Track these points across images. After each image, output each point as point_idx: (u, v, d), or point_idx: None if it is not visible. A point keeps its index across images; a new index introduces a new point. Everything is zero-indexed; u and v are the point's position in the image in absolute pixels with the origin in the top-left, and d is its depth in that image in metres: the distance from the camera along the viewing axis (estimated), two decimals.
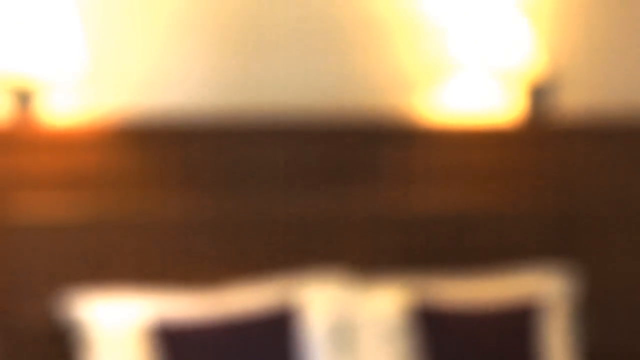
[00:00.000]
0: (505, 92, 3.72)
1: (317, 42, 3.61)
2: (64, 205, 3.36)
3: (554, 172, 3.73)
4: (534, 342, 3.43)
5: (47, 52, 3.27)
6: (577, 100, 3.77)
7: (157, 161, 3.45)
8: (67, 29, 3.33)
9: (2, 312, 3.32)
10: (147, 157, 3.44)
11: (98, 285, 3.35)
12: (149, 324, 3.22)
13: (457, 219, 3.66)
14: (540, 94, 3.71)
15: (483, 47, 3.64)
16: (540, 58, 3.67)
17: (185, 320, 3.25)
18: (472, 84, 3.71)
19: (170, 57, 3.51)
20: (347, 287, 3.47)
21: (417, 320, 3.39)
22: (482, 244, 3.66)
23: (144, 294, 3.35)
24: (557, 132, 3.73)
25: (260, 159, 3.54)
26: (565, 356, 3.51)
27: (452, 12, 3.69)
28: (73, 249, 3.37)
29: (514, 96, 3.72)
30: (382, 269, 3.56)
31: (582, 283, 3.67)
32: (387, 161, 3.61)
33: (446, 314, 3.43)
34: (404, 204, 3.62)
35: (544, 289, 3.56)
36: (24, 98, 3.31)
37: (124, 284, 3.37)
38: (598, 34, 3.83)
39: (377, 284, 3.51)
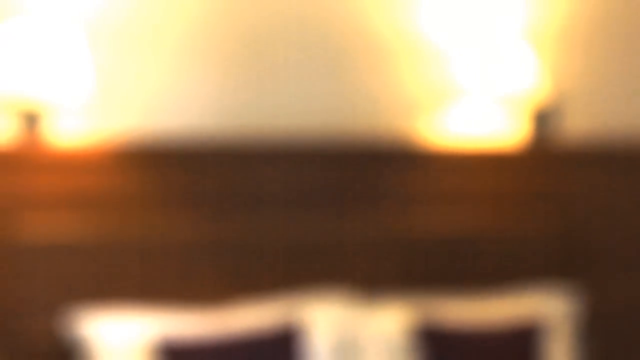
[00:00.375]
0: (508, 117, 3.74)
1: (320, 66, 3.64)
2: (69, 226, 3.39)
3: (556, 196, 3.74)
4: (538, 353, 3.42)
5: (55, 76, 3.31)
6: (579, 125, 3.79)
7: (161, 183, 3.48)
8: (74, 53, 3.37)
9: (7, 330, 3.34)
10: (152, 180, 3.47)
11: (102, 304, 3.37)
12: (153, 342, 3.23)
13: (459, 241, 3.67)
14: (543, 119, 3.73)
15: (486, 72, 3.66)
16: (543, 83, 3.69)
17: (188, 339, 3.26)
18: (475, 108, 3.73)
19: (176, 82, 3.55)
20: (351, 306, 3.47)
21: (420, 340, 3.40)
22: (485, 265, 3.67)
23: (148, 312, 3.36)
24: (560, 156, 3.74)
25: (263, 181, 3.56)
26: None
27: (456, 36, 3.73)
28: (78, 268, 3.38)
29: (517, 120, 3.74)
30: (384, 291, 3.56)
31: (585, 304, 3.67)
32: (390, 184, 3.63)
33: (449, 333, 3.43)
34: (406, 225, 3.64)
35: (546, 309, 3.56)
36: (31, 120, 3.35)
37: (128, 303, 3.39)
38: (601, 59, 3.85)
39: (381, 304, 3.51)
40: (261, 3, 3.60)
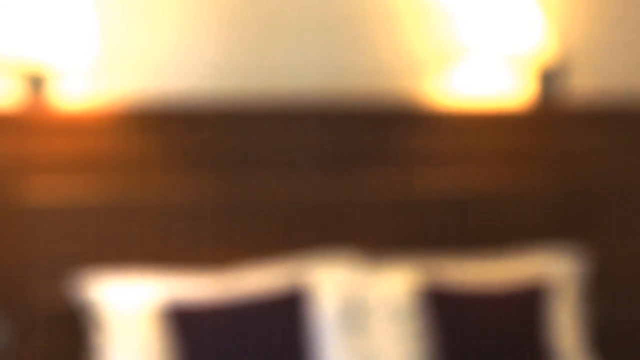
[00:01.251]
0: (514, 76, 3.71)
1: (325, 26, 3.60)
2: (76, 188, 3.37)
3: (561, 155, 3.72)
4: (542, 321, 3.41)
5: (59, 38, 3.29)
6: (585, 84, 3.76)
7: (164, 145, 3.45)
8: (78, 15, 3.35)
9: (12, 294, 3.34)
10: (155, 142, 3.44)
11: (110, 267, 3.36)
12: (161, 304, 3.23)
13: (464, 201, 3.65)
14: (548, 78, 3.69)
15: (493, 32, 3.63)
16: (549, 42, 3.65)
17: (196, 301, 3.25)
18: (480, 68, 3.70)
19: (179, 43, 3.51)
20: (357, 268, 3.47)
21: (427, 301, 3.39)
22: (491, 226, 3.66)
23: (156, 275, 3.35)
24: (565, 116, 3.71)
25: (266, 142, 3.53)
26: (574, 335, 3.51)
27: None
28: (85, 231, 3.38)
29: (522, 80, 3.71)
30: (391, 251, 3.56)
31: (590, 263, 3.66)
32: (394, 144, 3.60)
33: (455, 294, 3.43)
34: (411, 186, 3.62)
35: (552, 270, 3.56)
36: (35, 83, 3.32)
37: (135, 266, 3.38)
38: (607, 17, 3.81)
39: (386, 266, 3.51)
40: None
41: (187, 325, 3.19)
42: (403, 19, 3.65)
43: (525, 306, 3.42)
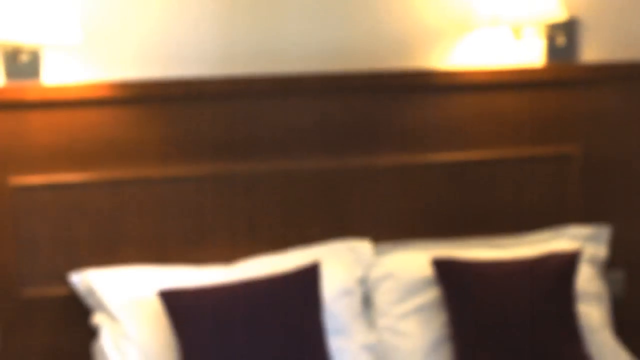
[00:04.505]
0: (524, 44, 3.62)
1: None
2: (63, 166, 3.27)
3: (573, 120, 3.64)
4: (563, 293, 3.28)
5: (43, 18, 3.14)
6: (595, 51, 3.68)
7: (165, 130, 3.35)
8: None
9: (12, 274, 3.27)
10: (150, 119, 3.33)
11: (109, 247, 3.31)
12: (163, 286, 3.12)
13: (477, 167, 3.57)
14: (559, 43, 3.61)
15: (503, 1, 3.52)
16: (558, 9, 3.54)
17: (198, 287, 3.14)
18: (491, 36, 3.60)
19: (175, 24, 3.37)
20: (366, 249, 3.42)
21: (441, 271, 3.28)
22: (504, 196, 3.61)
23: (158, 256, 3.31)
24: (576, 81, 3.63)
25: (275, 119, 3.43)
26: (598, 311, 3.42)
27: None
28: (79, 208, 3.30)
29: (532, 47, 3.63)
30: (402, 236, 3.52)
31: (607, 234, 3.61)
32: (406, 114, 3.50)
33: (471, 264, 3.31)
34: (423, 156, 3.54)
35: (573, 246, 3.48)
36: (20, 64, 3.21)
37: (136, 246, 3.32)
38: None
39: (399, 248, 3.48)
40: None
41: (187, 309, 3.05)
42: None
43: (546, 276, 3.28)
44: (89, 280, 3.23)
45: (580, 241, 3.54)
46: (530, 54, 3.63)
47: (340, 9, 3.47)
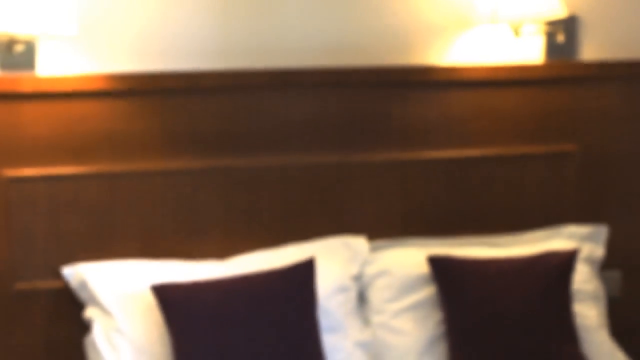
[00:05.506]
0: (523, 41, 3.60)
1: None
2: (58, 159, 3.24)
3: (571, 117, 3.62)
4: (559, 292, 3.26)
5: (38, 9, 3.10)
6: (594, 48, 3.66)
7: (164, 125, 3.33)
8: None
9: (5, 267, 3.25)
10: (146, 112, 3.30)
11: (103, 241, 3.29)
12: (156, 281, 3.10)
13: (476, 163, 3.55)
14: (558, 40, 3.59)
15: None
16: (558, 3, 3.52)
17: (194, 281, 3.12)
18: (490, 33, 3.58)
19: (173, 13, 3.34)
20: (363, 246, 3.40)
21: (437, 268, 3.27)
22: (503, 191, 3.59)
23: (151, 250, 3.29)
24: (575, 79, 3.61)
25: (272, 114, 3.40)
26: (593, 310, 3.40)
27: None
28: (73, 201, 3.27)
29: (532, 43, 3.61)
30: (400, 233, 3.50)
31: (604, 234, 3.59)
32: (406, 110, 3.48)
33: (467, 262, 3.30)
34: (423, 151, 3.52)
35: (570, 245, 3.47)
36: (15, 54, 3.18)
37: (130, 240, 3.30)
38: None
39: (397, 244, 3.46)
40: None
41: (181, 303, 3.03)
42: None
43: (543, 275, 3.25)
44: (82, 273, 3.21)
45: (577, 240, 3.52)
46: (529, 51, 3.61)
47: (339, 3, 3.45)
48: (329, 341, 3.17)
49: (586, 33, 3.65)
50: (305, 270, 3.14)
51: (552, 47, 3.61)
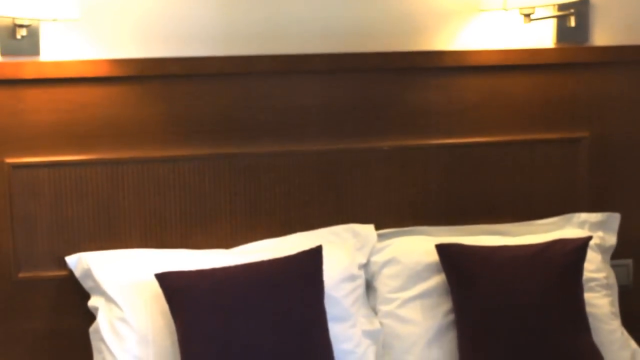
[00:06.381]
0: (534, 24, 3.54)
1: None
2: (61, 146, 3.22)
3: (585, 102, 3.58)
4: (570, 280, 3.21)
5: None
6: (605, 33, 3.61)
7: (166, 110, 3.29)
8: None
9: (8, 255, 3.23)
10: (151, 97, 3.27)
11: (107, 229, 3.27)
12: (161, 269, 3.06)
13: (486, 149, 3.52)
14: (569, 25, 3.54)
15: None
16: None
17: (199, 266, 3.10)
18: (501, 16, 3.53)
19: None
20: (370, 234, 3.37)
21: (446, 255, 3.22)
22: (515, 177, 3.55)
23: (156, 239, 3.27)
24: (586, 64, 3.57)
25: (277, 100, 3.36)
26: (605, 299, 3.36)
27: None
28: (76, 188, 3.25)
29: (543, 28, 3.56)
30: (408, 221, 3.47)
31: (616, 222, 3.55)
32: (414, 97, 3.44)
33: (476, 248, 3.25)
34: (433, 138, 3.48)
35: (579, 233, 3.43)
36: (14, 38, 3.14)
37: (134, 228, 3.28)
38: None
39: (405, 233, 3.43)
40: None
41: (186, 291, 2.99)
42: None
43: (554, 263, 3.20)
44: (86, 262, 3.18)
45: (589, 228, 3.48)
46: (540, 36, 3.57)
47: None
48: (337, 330, 3.14)
49: (598, 17, 3.61)
50: (312, 259, 3.10)
51: (563, 32, 3.57)
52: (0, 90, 3.15)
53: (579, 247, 3.24)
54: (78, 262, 3.20)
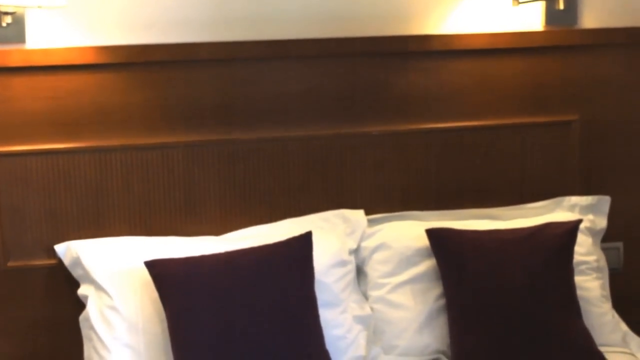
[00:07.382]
0: (523, 7, 3.54)
1: None
2: (49, 134, 3.20)
3: (574, 85, 3.57)
4: (561, 259, 3.21)
5: None
6: (596, 12, 3.60)
7: (150, 88, 3.27)
8: None
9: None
10: (138, 84, 3.25)
11: (95, 217, 3.25)
12: (150, 257, 3.04)
13: (478, 133, 3.50)
14: (558, 7, 3.53)
15: None
16: None
17: (189, 253, 3.08)
18: (489, 0, 3.52)
19: None
20: (361, 220, 3.37)
21: (437, 239, 3.22)
22: (505, 157, 3.55)
23: (145, 227, 3.27)
24: (577, 45, 3.56)
25: (267, 85, 3.34)
26: (596, 282, 3.36)
27: None
28: (64, 176, 3.23)
29: (531, 11, 3.55)
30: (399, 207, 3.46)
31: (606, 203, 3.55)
32: (404, 82, 3.43)
33: (466, 232, 3.25)
34: (423, 122, 3.47)
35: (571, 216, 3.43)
36: (0, 24, 3.13)
37: (122, 216, 3.27)
38: None
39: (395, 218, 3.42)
40: None
41: (175, 278, 2.98)
42: None
43: (544, 246, 3.19)
44: (75, 250, 3.17)
45: (579, 212, 3.48)
46: (529, 19, 3.55)
47: None
48: (327, 316, 3.13)
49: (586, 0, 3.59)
50: (302, 244, 3.09)
51: (552, 15, 3.55)
52: None
53: (570, 230, 3.23)
54: (67, 250, 3.19)
